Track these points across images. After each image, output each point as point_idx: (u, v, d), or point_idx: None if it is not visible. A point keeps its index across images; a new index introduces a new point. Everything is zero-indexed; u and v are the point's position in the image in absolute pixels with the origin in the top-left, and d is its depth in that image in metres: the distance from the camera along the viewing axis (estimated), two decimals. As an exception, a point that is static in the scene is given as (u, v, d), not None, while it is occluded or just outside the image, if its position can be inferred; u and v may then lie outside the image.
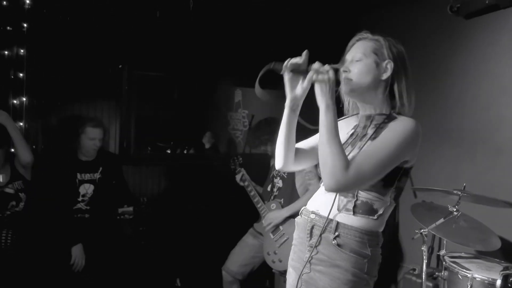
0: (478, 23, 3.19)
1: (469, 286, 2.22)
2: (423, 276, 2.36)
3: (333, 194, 1.44)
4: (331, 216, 1.43)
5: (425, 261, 2.36)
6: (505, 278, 1.72)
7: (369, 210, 1.41)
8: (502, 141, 3.01)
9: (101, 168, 3.08)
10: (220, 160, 4.11)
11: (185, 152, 4.18)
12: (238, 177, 3.06)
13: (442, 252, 2.55)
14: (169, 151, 4.20)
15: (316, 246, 1.44)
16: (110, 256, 3.00)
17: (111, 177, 3.13)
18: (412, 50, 3.65)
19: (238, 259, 2.99)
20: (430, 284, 2.58)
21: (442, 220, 2.22)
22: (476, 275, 2.21)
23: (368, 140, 1.40)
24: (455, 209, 2.18)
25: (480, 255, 2.63)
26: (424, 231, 2.32)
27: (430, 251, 3.26)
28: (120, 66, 3.43)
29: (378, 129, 1.41)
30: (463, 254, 2.55)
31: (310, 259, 1.45)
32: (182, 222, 3.70)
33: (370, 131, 1.44)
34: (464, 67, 3.31)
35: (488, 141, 3.11)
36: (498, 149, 3.03)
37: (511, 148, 2.95)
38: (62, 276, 2.79)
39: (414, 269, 2.93)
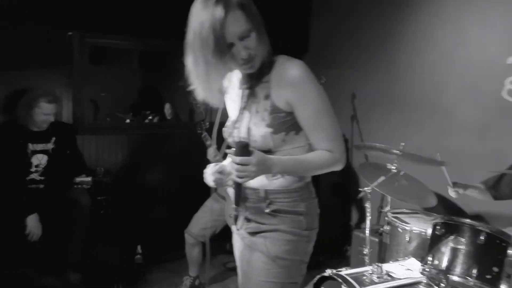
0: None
1: (407, 237, 2.40)
2: (367, 232, 2.52)
3: None
4: (257, 186, 1.41)
5: (369, 217, 2.51)
6: (434, 227, 1.88)
7: None
8: (447, 105, 3.18)
9: (54, 138, 3.04)
10: (181, 128, 4.14)
11: (146, 122, 4.17)
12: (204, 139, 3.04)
13: (386, 209, 2.72)
14: (128, 121, 4.18)
15: (250, 219, 1.45)
16: (67, 226, 3.01)
17: (65, 147, 3.10)
18: (363, 19, 3.82)
19: (200, 222, 3.06)
20: (376, 239, 2.75)
21: (383, 178, 2.36)
22: (413, 228, 2.39)
23: (261, 100, 1.36)
24: (393, 167, 2.33)
25: (422, 211, 2.83)
26: (367, 189, 2.46)
27: (380, 209, 3.45)
28: (70, 33, 3.33)
29: (264, 83, 1.36)
30: (405, 210, 2.73)
31: (248, 229, 1.47)
32: (143, 191, 3.74)
33: (259, 91, 1.38)
34: (412, 35, 3.43)
35: (434, 105, 3.28)
36: (444, 113, 3.20)
37: (455, 111, 3.12)
38: (17, 246, 2.80)
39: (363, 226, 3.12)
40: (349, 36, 3.96)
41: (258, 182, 1.39)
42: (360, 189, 2.48)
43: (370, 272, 2.02)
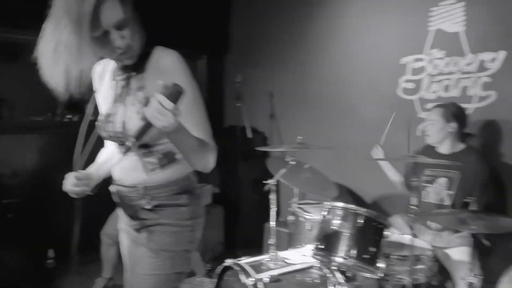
0: (332, -6, 3.51)
1: (309, 226, 2.53)
2: (271, 223, 2.61)
3: (134, 159, 1.40)
4: (136, 183, 1.40)
5: (274, 209, 2.62)
6: (329, 212, 2.00)
7: (171, 158, 1.41)
8: (352, 103, 3.40)
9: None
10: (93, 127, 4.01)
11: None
12: None
13: (293, 200, 2.85)
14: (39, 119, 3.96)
15: (133, 217, 1.45)
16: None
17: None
18: (278, 21, 3.97)
19: (116, 222, 3.01)
20: (286, 230, 2.88)
21: (284, 170, 2.47)
22: (314, 217, 2.53)
23: (136, 92, 1.36)
24: (290, 160, 2.45)
25: (328, 201, 3.00)
26: (272, 182, 2.56)
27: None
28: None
29: (139, 74, 1.36)
30: (310, 201, 2.88)
31: (132, 226, 1.47)
32: (54, 193, 3.59)
33: (134, 82, 1.38)
34: (320, 36, 3.63)
35: (341, 102, 3.49)
36: (350, 109, 3.41)
37: (359, 108, 3.35)
38: None
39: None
40: (266, 37, 4.10)
41: (137, 179, 1.40)
42: (264, 182, 2.58)
43: (268, 259, 2.11)
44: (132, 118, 1.34)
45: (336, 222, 1.94)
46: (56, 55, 1.21)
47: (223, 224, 3.88)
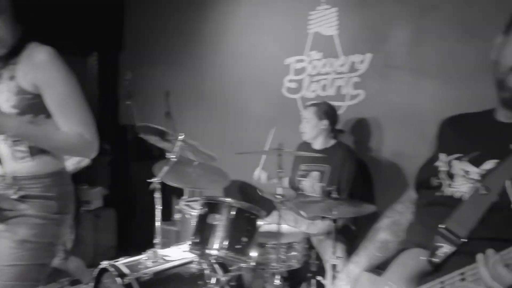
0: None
1: (194, 222, 2.54)
2: (157, 222, 2.59)
3: (3, 146, 1.42)
4: (4, 172, 1.42)
5: (159, 208, 2.60)
6: (203, 206, 2.03)
7: (41, 148, 1.42)
8: (243, 102, 3.50)
9: None
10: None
11: None
12: None
13: (182, 198, 2.85)
14: None
15: None
16: None
17: None
18: (171, 19, 3.94)
19: None
20: (173, 228, 2.87)
21: (166, 168, 2.46)
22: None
23: (7, 81, 1.39)
24: (173, 157, 2.45)
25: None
26: (156, 180, 2.53)
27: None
28: None
29: (11, 65, 1.40)
30: (198, 198, 2.90)
31: None
32: None
33: (5, 72, 1.41)
34: (212, 35, 3.68)
35: (234, 101, 3.57)
36: (241, 109, 3.51)
37: (249, 107, 3.45)
38: None
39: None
40: (162, 35, 4.05)
41: (6, 168, 1.42)
42: (148, 181, 2.54)
43: (146, 258, 2.09)
44: (1, 106, 1.37)
45: (210, 216, 1.98)
46: None
47: (115, 228, 3.74)
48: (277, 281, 1.98)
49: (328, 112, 2.63)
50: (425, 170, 1.12)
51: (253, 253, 1.96)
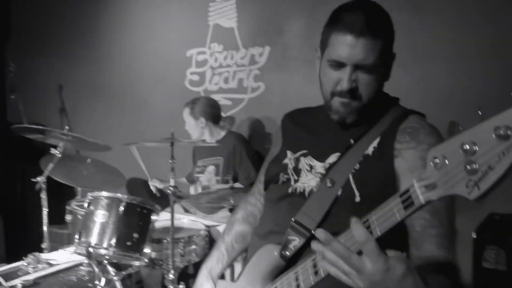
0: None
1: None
2: (44, 226, 2.37)
3: None
4: None
5: (45, 210, 2.38)
6: (90, 203, 1.87)
7: None
8: (143, 95, 3.35)
9: None
10: None
11: None
12: None
13: (75, 198, 2.63)
14: None
15: None
16: None
17: None
18: (65, 7, 3.64)
19: None
20: (65, 232, 2.65)
21: (51, 165, 2.26)
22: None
23: None
24: (57, 152, 2.25)
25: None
26: (41, 179, 2.31)
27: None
28: None
29: None
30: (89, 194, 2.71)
31: None
32: None
33: None
34: (108, 26, 3.48)
35: (133, 95, 3.40)
36: (141, 102, 3.35)
37: (149, 100, 3.31)
38: None
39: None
40: (51, 24, 3.73)
41: None
42: (33, 180, 2.31)
43: (26, 264, 1.88)
44: None
45: (97, 212, 1.84)
46: None
47: (2, 235, 3.37)
48: (171, 276, 1.90)
49: (202, 109, 2.61)
50: (274, 166, 1.12)
51: (147, 249, 1.86)
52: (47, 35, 3.76)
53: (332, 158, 1.02)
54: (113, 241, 1.77)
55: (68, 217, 2.49)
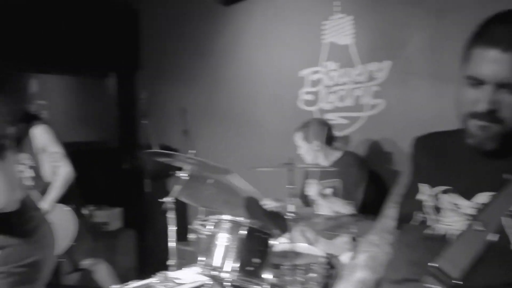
0: (236, 10, 3.54)
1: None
2: (171, 243, 2.51)
3: None
4: None
5: (174, 228, 2.52)
6: (215, 225, 1.93)
7: None
8: (258, 116, 3.42)
9: None
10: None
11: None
12: None
13: (197, 217, 2.76)
14: None
15: None
16: None
17: None
18: (185, 36, 3.94)
19: None
20: (189, 249, 2.78)
21: (178, 187, 2.39)
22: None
23: None
24: (184, 175, 2.38)
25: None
26: (169, 200, 2.47)
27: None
28: None
29: None
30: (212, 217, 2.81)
31: None
32: None
33: None
34: (225, 51, 3.64)
35: (249, 116, 3.49)
36: (256, 123, 3.42)
37: (264, 121, 3.37)
38: None
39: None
40: (175, 53, 4.04)
41: None
42: (160, 200, 2.48)
43: (156, 281, 2.00)
44: None
45: (221, 236, 1.88)
46: None
47: (134, 248, 3.69)
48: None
49: (315, 133, 2.51)
50: (406, 203, 0.99)
51: (267, 275, 1.84)
52: (170, 63, 4.10)
53: (482, 197, 0.88)
54: (236, 265, 1.79)
55: (192, 236, 2.61)
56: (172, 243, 2.53)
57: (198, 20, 3.80)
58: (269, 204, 2.66)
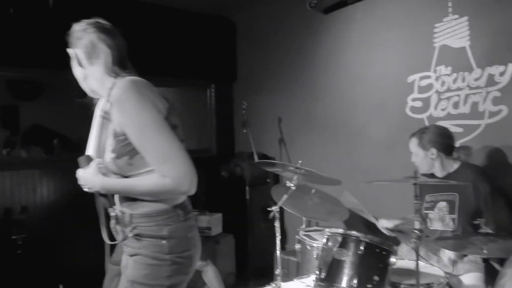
0: (335, 18, 3.48)
1: (315, 254, 2.41)
2: (277, 252, 2.50)
3: None
4: (124, 210, 1.40)
5: (278, 237, 2.52)
6: (329, 239, 1.89)
7: None
8: (359, 124, 3.31)
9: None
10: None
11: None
12: None
13: (301, 227, 2.74)
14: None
15: (123, 241, 1.43)
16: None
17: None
18: (281, 47, 3.96)
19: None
20: (292, 259, 2.77)
21: (285, 196, 2.38)
22: (319, 244, 2.41)
23: (109, 124, 1.35)
24: (292, 185, 2.36)
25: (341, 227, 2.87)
26: (275, 209, 2.47)
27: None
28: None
29: (107, 106, 1.35)
30: (318, 228, 2.77)
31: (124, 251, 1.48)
32: (62, 227, 3.57)
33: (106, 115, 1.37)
34: (324, 59, 3.59)
35: (348, 124, 3.40)
36: (356, 131, 3.32)
37: (366, 129, 3.25)
38: None
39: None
40: (271, 63, 4.09)
41: (125, 206, 1.40)
42: (268, 209, 2.49)
43: (268, 291, 2.01)
44: (106, 151, 1.36)
45: (337, 250, 1.83)
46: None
47: (234, 254, 3.77)
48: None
49: (433, 139, 2.31)
50: None
51: (387, 294, 1.75)
52: (266, 73, 4.15)
53: None
54: (354, 282, 1.73)
55: (297, 246, 2.60)
56: (278, 252, 2.53)
57: (296, 30, 3.81)
58: (385, 225, 2.52)
